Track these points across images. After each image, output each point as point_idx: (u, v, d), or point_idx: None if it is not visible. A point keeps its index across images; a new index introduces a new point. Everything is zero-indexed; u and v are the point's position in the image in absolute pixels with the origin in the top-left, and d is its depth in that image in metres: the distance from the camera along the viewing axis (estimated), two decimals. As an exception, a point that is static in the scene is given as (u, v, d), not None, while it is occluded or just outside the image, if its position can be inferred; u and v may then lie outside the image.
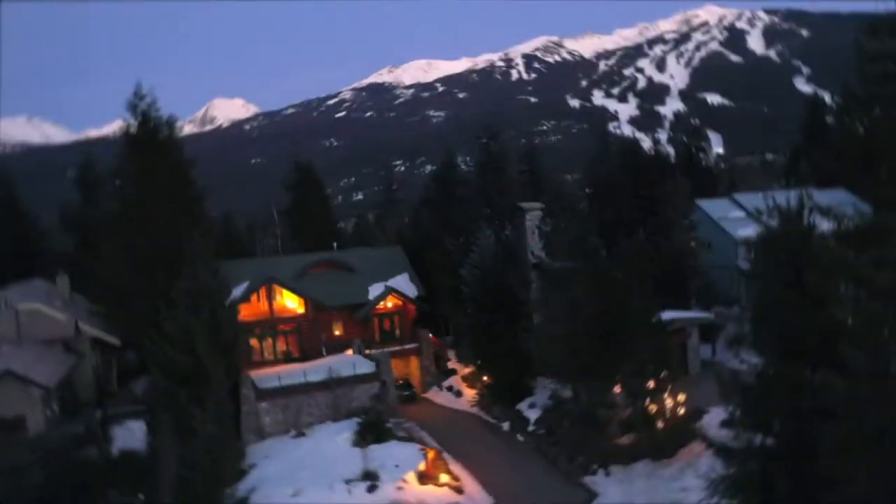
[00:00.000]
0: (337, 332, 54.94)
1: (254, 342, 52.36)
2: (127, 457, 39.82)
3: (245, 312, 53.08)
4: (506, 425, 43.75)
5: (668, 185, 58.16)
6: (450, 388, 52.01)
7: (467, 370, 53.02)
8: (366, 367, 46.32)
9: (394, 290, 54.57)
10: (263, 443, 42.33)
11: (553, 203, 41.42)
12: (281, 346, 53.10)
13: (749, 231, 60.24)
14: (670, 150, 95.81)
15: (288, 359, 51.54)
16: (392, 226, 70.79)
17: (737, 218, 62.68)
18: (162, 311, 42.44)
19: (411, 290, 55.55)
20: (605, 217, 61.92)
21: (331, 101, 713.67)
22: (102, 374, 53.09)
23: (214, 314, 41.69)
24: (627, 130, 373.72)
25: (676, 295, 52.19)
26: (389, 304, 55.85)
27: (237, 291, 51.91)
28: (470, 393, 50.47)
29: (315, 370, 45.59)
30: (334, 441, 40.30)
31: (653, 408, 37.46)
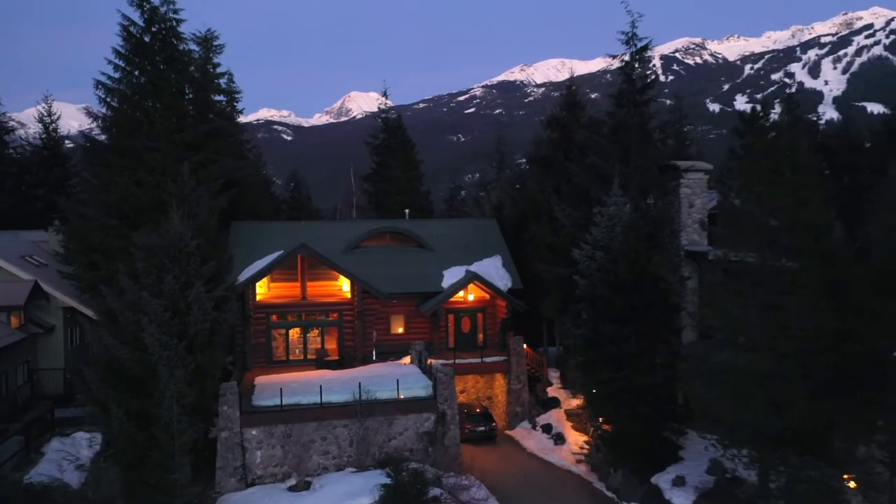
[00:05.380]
0: (397, 330, 39.45)
1: (277, 335, 37.83)
2: (40, 493, 25.77)
3: (269, 293, 38.73)
4: (631, 509, 26.61)
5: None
6: (547, 429, 35.17)
7: (575, 402, 36.04)
8: (418, 386, 30.44)
9: (478, 278, 38.35)
10: (245, 493, 27.33)
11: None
12: (314, 343, 38.14)
13: None
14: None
15: (320, 362, 36.44)
16: (492, 200, 54.66)
17: None
18: (121, 280, 28.62)
19: (503, 280, 39.13)
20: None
21: (461, 98, 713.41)
22: (81, 355, 40.16)
23: (185, 290, 27.07)
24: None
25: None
26: (471, 297, 39.72)
27: (261, 263, 37.55)
28: (577, 439, 33.51)
29: (342, 384, 30.21)
30: (347, 508, 24.77)
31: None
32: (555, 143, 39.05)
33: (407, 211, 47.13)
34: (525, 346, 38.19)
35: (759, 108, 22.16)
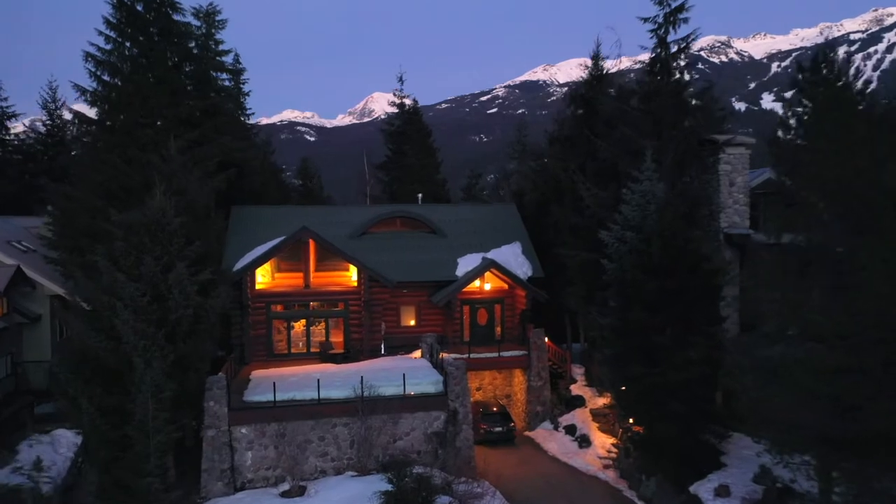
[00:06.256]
0: (408, 322, 36.56)
1: (279, 326, 35.14)
2: (5, 496, 23.26)
3: (274, 282, 36.11)
4: (667, 521, 23.42)
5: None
6: (570, 430, 32.07)
7: (602, 401, 32.91)
8: (427, 381, 27.51)
9: (496, 266, 35.38)
10: (233, 498, 24.55)
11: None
12: (318, 335, 35.37)
13: None
14: None
15: (325, 356, 33.69)
16: (511, 186, 51.53)
17: None
18: (98, 261, 26.02)
19: (523, 268, 36.12)
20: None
21: (484, 98, 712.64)
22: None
23: (166, 272, 24.40)
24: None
25: None
26: (488, 287, 36.74)
27: (262, 250, 34.85)
28: (603, 442, 30.39)
29: (344, 379, 27.36)
30: (342, 517, 21.90)
31: None
32: (579, 120, 35.86)
33: (420, 195, 44.16)
34: (547, 340, 35.07)
35: (823, 55, 18.87)
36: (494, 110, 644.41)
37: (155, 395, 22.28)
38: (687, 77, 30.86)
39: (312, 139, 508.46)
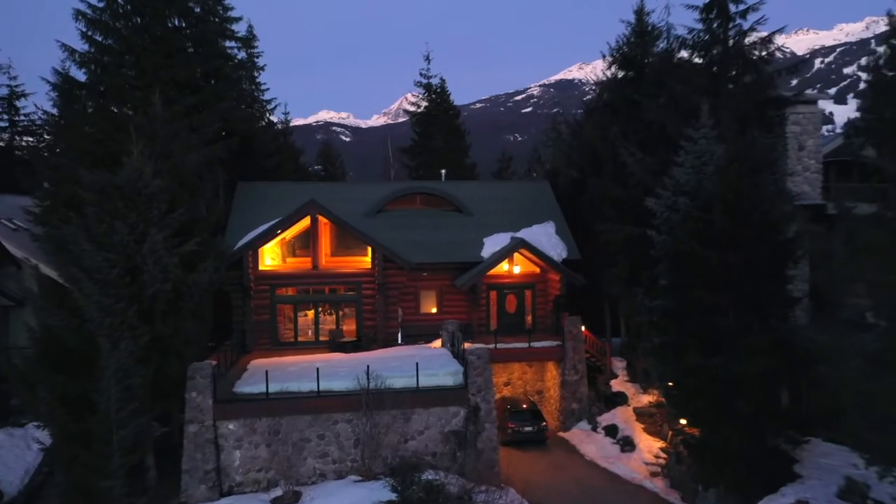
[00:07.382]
0: (429, 309, 32.93)
1: (286, 312, 31.80)
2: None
3: (278, 263, 32.84)
4: (731, 543, 19.39)
5: None
6: (611, 431, 28.10)
7: (647, 398, 28.89)
8: (444, 372, 23.81)
9: (526, 245, 31.54)
10: (218, 504, 21.19)
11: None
12: (329, 323, 31.95)
13: None
14: None
15: (334, 345, 30.21)
16: (545, 166, 47.66)
17: None
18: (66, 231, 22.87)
19: (557, 250, 32.20)
20: None
21: (518, 97, 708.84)
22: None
23: (142, 242, 21.09)
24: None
25: None
26: (517, 270, 32.91)
27: (265, 227, 31.52)
28: (650, 446, 26.38)
29: (350, 370, 23.80)
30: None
31: None
32: (621, 82, 31.81)
33: (443, 171, 40.47)
34: (584, 329, 31.12)
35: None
36: (529, 109, 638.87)
37: (122, 382, 18.96)
38: (747, 25, 26.65)
39: (347, 139, 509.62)
